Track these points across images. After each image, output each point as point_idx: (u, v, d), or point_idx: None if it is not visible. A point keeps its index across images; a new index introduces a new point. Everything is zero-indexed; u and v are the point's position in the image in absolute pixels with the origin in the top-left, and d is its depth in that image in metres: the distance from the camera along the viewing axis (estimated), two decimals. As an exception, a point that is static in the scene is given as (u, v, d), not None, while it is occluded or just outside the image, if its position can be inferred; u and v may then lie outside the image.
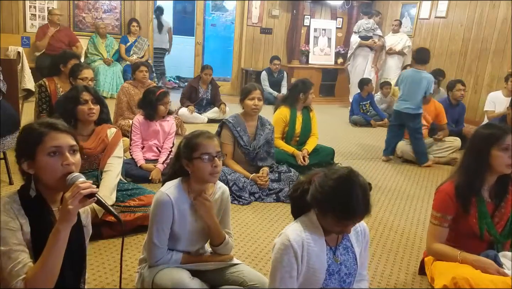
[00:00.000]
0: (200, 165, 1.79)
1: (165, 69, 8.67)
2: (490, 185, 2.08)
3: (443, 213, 2.08)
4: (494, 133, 2.00)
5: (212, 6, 9.94)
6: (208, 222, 1.88)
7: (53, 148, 1.35)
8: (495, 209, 2.07)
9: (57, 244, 1.28)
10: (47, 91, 3.67)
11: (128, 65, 6.91)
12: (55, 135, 1.37)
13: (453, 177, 2.11)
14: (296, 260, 1.51)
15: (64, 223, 1.28)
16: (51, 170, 1.35)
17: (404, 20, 8.02)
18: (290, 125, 3.95)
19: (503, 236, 2.07)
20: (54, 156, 1.35)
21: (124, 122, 4.48)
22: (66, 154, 1.37)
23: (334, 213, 1.46)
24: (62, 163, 1.35)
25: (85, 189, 1.29)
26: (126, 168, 3.22)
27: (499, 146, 1.97)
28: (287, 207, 3.24)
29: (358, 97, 6.73)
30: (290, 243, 1.49)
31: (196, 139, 1.82)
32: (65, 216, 1.28)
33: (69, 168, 1.36)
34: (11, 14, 6.72)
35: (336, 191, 1.46)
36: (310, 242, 1.53)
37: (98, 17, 7.38)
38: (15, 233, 1.29)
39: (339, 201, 1.45)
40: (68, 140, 1.39)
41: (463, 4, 7.08)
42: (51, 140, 1.36)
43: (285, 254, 1.50)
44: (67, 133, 1.41)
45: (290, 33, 8.60)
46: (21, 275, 1.26)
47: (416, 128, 4.52)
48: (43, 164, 1.34)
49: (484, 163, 2.01)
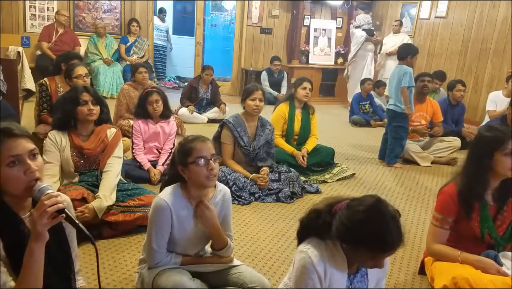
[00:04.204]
0: (195, 170, 1.77)
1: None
2: (494, 188, 2.05)
3: (445, 215, 2.07)
4: (497, 138, 1.97)
5: (212, 6, 9.94)
6: (210, 230, 1.87)
7: (12, 158, 1.24)
8: (497, 212, 2.06)
9: (33, 264, 1.22)
10: (47, 91, 3.67)
11: (128, 65, 6.91)
12: (11, 143, 1.25)
13: (456, 179, 2.08)
14: (321, 284, 1.44)
15: (37, 242, 1.21)
16: (14, 181, 1.25)
17: (404, 20, 8.02)
18: (289, 123, 3.97)
19: (504, 240, 2.06)
20: (14, 166, 1.24)
21: (124, 123, 4.47)
22: (27, 162, 1.26)
23: (368, 248, 1.36)
24: (24, 172, 1.25)
25: (51, 205, 1.20)
26: (125, 168, 3.22)
27: (502, 150, 1.94)
28: (287, 207, 3.24)
29: (358, 97, 6.73)
30: (314, 267, 1.42)
31: (190, 144, 1.80)
32: (36, 236, 1.21)
33: (32, 175, 1.26)
34: (11, 14, 6.72)
35: (367, 225, 1.35)
36: (333, 270, 1.45)
37: (98, 17, 7.38)
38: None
39: (372, 235, 1.34)
40: (26, 145, 1.27)
41: (463, 4, 7.08)
42: (8, 150, 1.24)
43: (309, 278, 1.43)
44: (23, 137, 1.28)
45: (290, 33, 8.60)
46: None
47: (394, 126, 4.40)
48: (4, 176, 1.23)
49: (487, 168, 1.98)
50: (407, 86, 4.26)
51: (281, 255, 2.53)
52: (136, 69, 4.72)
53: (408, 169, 4.50)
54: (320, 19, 8.74)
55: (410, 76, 4.26)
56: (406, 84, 4.26)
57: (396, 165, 4.51)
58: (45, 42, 6.64)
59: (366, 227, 1.35)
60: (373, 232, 1.34)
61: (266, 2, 8.41)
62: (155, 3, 8.53)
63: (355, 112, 6.67)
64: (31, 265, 1.22)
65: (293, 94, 4.06)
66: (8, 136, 1.25)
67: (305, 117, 4.04)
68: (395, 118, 4.41)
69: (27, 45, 6.62)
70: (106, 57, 7.05)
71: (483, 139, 2.03)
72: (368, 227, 1.35)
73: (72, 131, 2.58)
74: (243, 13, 8.39)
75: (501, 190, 2.05)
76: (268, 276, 2.26)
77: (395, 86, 4.36)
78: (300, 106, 4.04)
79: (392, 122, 4.45)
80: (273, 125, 3.64)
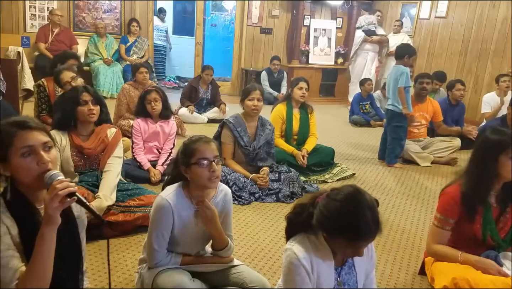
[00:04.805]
0: (198, 171, 1.77)
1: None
2: (497, 191, 2.05)
3: (446, 216, 2.06)
4: (502, 141, 1.95)
5: (212, 6, 9.94)
6: (210, 230, 1.87)
7: (25, 148, 1.29)
8: (500, 215, 2.05)
9: (43, 248, 1.24)
10: (45, 91, 3.67)
11: (128, 65, 6.92)
12: (25, 134, 1.30)
13: (459, 181, 2.07)
14: (310, 278, 1.45)
15: (48, 226, 1.24)
16: (26, 171, 1.30)
17: (404, 20, 8.02)
18: (287, 122, 3.98)
19: (505, 242, 2.05)
20: (27, 156, 1.30)
21: (124, 123, 4.48)
22: (40, 153, 1.31)
23: (344, 235, 1.38)
24: (37, 162, 1.30)
25: (63, 189, 1.24)
26: (125, 168, 3.22)
27: (507, 153, 1.93)
28: (287, 207, 3.24)
29: (358, 97, 6.73)
30: (301, 262, 1.43)
31: (193, 145, 1.80)
32: (48, 219, 1.24)
33: (44, 166, 1.30)
34: (11, 14, 6.71)
35: (343, 212, 1.38)
36: (319, 262, 1.47)
37: (98, 17, 7.38)
38: (3, 238, 1.25)
39: (348, 222, 1.36)
40: (40, 137, 1.33)
41: (463, 4, 7.08)
42: (22, 140, 1.30)
43: (297, 274, 1.44)
44: (39, 130, 1.34)
45: (290, 33, 8.60)
46: (13, 281, 1.24)
47: (394, 126, 4.42)
48: (17, 165, 1.29)
49: (491, 170, 1.97)
50: (404, 87, 4.27)
51: (281, 255, 2.52)
52: (136, 69, 4.73)
53: (408, 169, 4.50)
54: (320, 19, 8.74)
55: (407, 77, 4.27)
56: (402, 84, 4.27)
57: (397, 165, 4.51)
58: (42, 42, 6.64)
59: (342, 215, 1.38)
60: (348, 220, 1.37)
61: (266, 2, 8.41)
62: (155, 3, 8.53)
63: (355, 112, 6.67)
64: (42, 249, 1.24)
65: (290, 95, 4.07)
66: (22, 128, 1.31)
67: (304, 117, 4.04)
68: (394, 118, 4.41)
69: (27, 45, 6.62)
70: (106, 57, 7.05)
71: (488, 142, 2.00)
72: (344, 215, 1.37)
73: (72, 131, 2.58)
74: (243, 13, 8.38)
75: (504, 192, 2.04)
76: (268, 276, 2.26)
77: (392, 87, 4.38)
78: (298, 106, 4.04)
79: (391, 122, 4.45)
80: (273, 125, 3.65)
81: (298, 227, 1.54)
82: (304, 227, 1.51)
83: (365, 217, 1.35)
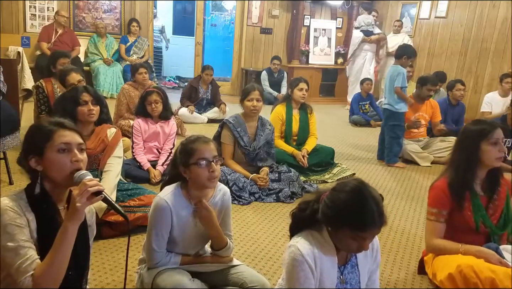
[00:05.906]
0: (197, 171, 1.77)
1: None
2: (482, 179, 2.12)
3: (438, 208, 2.12)
4: (483, 129, 2.04)
5: (212, 6, 9.95)
6: (209, 230, 1.86)
7: (63, 145, 1.38)
8: (488, 202, 2.11)
9: (65, 241, 1.29)
10: (44, 92, 3.68)
11: (128, 65, 6.92)
12: (64, 132, 1.40)
13: (445, 174, 2.14)
14: (313, 275, 1.45)
15: (72, 220, 1.30)
16: (60, 166, 1.37)
17: (404, 20, 8.02)
18: (287, 124, 3.97)
19: (498, 228, 2.10)
20: (63, 153, 1.38)
21: (124, 123, 4.48)
22: (75, 151, 1.40)
23: (350, 226, 1.38)
24: (71, 160, 1.38)
25: (92, 186, 1.31)
26: (125, 168, 3.21)
27: (488, 140, 2.01)
28: (287, 207, 3.24)
29: (358, 97, 6.74)
30: (304, 258, 1.43)
31: (192, 144, 1.79)
32: (73, 213, 1.29)
33: (77, 164, 1.39)
34: (11, 14, 6.72)
35: (349, 203, 1.39)
36: (322, 259, 1.47)
37: (98, 17, 7.38)
38: (23, 230, 1.30)
39: (354, 213, 1.37)
40: (77, 138, 1.43)
41: (463, 4, 7.08)
42: (61, 137, 1.39)
43: (301, 270, 1.43)
44: (76, 132, 1.44)
45: (290, 33, 8.60)
46: (29, 271, 1.27)
47: (391, 126, 4.44)
48: (52, 160, 1.37)
49: (474, 158, 2.05)
50: (400, 87, 4.34)
51: (281, 255, 2.52)
52: (136, 69, 4.72)
53: (408, 169, 4.50)
54: (320, 19, 8.74)
55: (403, 77, 4.36)
56: (399, 84, 4.34)
57: (398, 164, 4.51)
58: (45, 42, 6.64)
59: (348, 205, 1.39)
60: (353, 209, 1.38)
61: (266, 2, 8.41)
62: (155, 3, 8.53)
63: (355, 112, 6.67)
64: (62, 242, 1.29)
65: (289, 95, 4.05)
66: (62, 127, 1.41)
67: (303, 117, 4.04)
68: (391, 118, 4.44)
69: (27, 45, 6.63)
70: (106, 57, 7.06)
71: (469, 132, 2.09)
72: (349, 205, 1.39)
73: (72, 131, 2.58)
74: (243, 13, 8.39)
75: (489, 179, 2.11)
76: (268, 276, 2.26)
77: (388, 86, 4.43)
78: (297, 106, 4.04)
79: (388, 121, 4.47)
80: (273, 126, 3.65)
81: (303, 224, 1.55)
82: (309, 224, 1.53)
83: (370, 206, 1.37)
